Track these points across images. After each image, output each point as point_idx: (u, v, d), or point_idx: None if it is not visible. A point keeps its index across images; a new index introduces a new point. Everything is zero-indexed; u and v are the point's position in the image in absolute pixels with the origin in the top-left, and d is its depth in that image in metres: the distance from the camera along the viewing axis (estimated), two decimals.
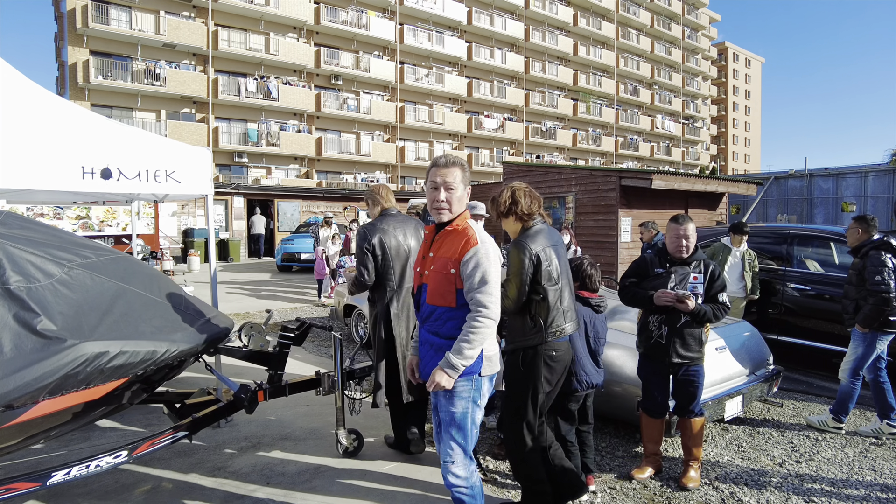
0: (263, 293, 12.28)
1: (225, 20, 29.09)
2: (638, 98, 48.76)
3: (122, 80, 25.87)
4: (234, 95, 28.74)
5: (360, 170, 33.64)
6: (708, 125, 60.23)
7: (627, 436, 4.35)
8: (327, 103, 31.84)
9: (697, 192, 10.89)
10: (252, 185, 26.27)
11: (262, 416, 4.47)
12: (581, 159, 44.85)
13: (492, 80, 39.16)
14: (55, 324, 2.37)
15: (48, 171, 3.53)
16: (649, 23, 49.95)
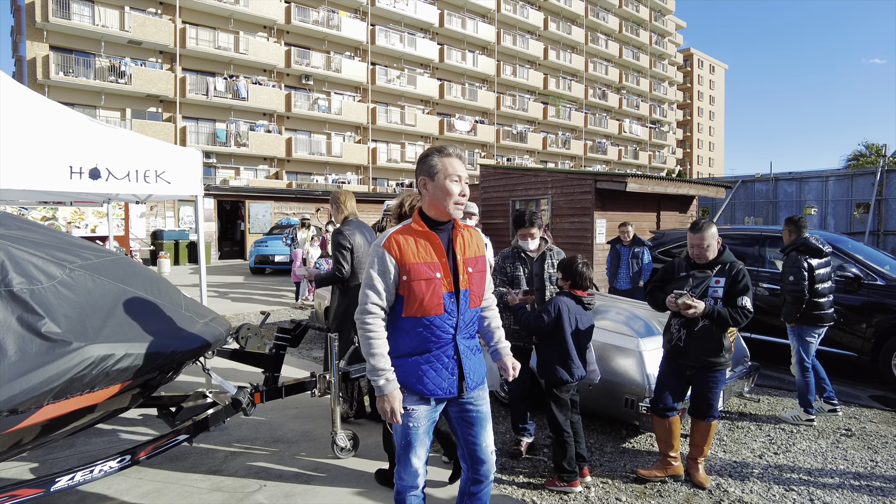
0: (239, 295, 12.10)
1: (193, 18, 28.54)
2: (606, 102, 49.66)
3: (85, 76, 25.15)
4: (203, 95, 28.22)
5: (331, 171, 33.39)
6: (674, 129, 61.74)
7: (613, 432, 4.47)
8: (298, 103, 31.53)
9: (670, 195, 11.19)
10: (222, 186, 25.83)
11: (251, 419, 4.43)
12: (551, 162, 45.44)
13: (463, 83, 39.37)
14: (59, 326, 2.33)
15: (35, 171, 3.45)
16: (618, 28, 50.95)
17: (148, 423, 4.33)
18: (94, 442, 4.05)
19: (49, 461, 3.65)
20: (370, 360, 2.11)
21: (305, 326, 3.72)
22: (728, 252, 3.53)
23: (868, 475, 3.79)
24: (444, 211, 2.17)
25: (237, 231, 25.61)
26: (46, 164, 3.48)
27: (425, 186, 2.19)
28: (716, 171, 71.90)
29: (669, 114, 59.95)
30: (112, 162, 3.73)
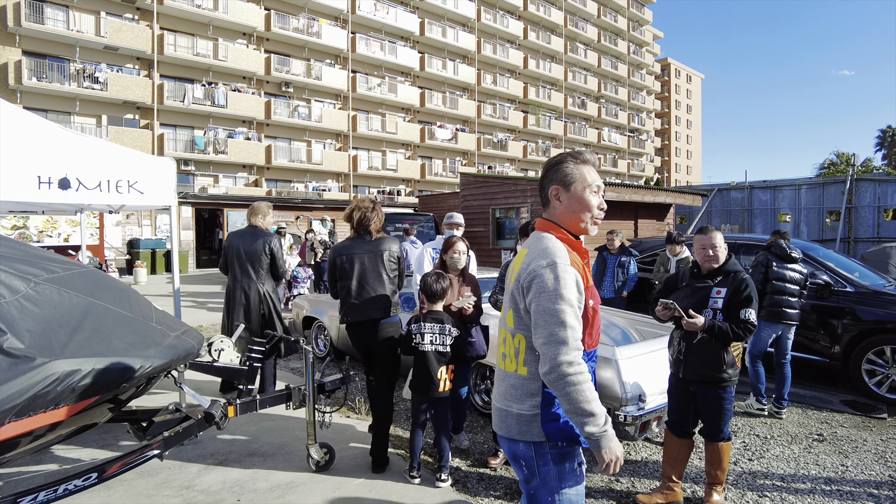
0: (216, 306, 11.93)
1: (171, 24, 28.26)
2: (585, 111, 50.22)
3: (59, 82, 24.72)
4: (181, 101, 27.90)
5: (311, 178, 33.21)
6: (652, 138, 62.65)
7: None
8: (278, 111, 31.34)
9: (647, 203, 11.34)
10: (200, 194, 25.53)
11: (226, 432, 4.36)
12: (532, 170, 45.74)
13: (444, 91, 39.52)
14: (22, 342, 2.27)
15: (1, 181, 3.37)
16: (596, 38, 51.64)
17: (123, 438, 4.23)
18: (64, 458, 3.95)
19: (14, 480, 3.55)
20: (590, 406, 1.65)
21: (279, 338, 3.67)
22: (734, 261, 3.40)
23: (839, 480, 3.85)
24: (579, 226, 1.89)
25: (215, 239, 25.30)
26: (13, 173, 3.41)
27: (558, 198, 1.89)
28: (693, 179, 73.05)
29: (648, 122, 60.83)
30: (83, 171, 3.66)
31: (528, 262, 1.81)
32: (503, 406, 1.87)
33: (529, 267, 1.79)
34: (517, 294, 1.83)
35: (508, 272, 1.99)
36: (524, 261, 1.84)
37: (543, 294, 1.72)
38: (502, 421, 1.88)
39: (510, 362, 1.87)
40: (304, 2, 32.40)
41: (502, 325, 1.94)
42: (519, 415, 1.82)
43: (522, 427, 1.82)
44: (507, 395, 1.86)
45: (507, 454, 1.94)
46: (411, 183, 37.74)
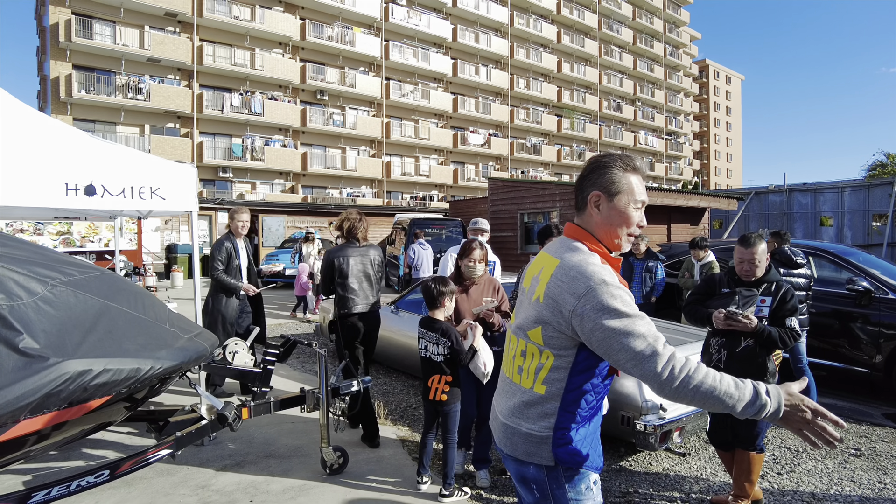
0: None
1: (210, 35, 29.15)
2: (621, 114, 49.52)
3: (106, 94, 25.75)
4: (219, 110, 28.72)
5: (345, 185, 33.67)
6: (690, 141, 61.27)
7: (611, 450, 4.38)
8: (313, 118, 31.92)
9: (680, 208, 11.07)
10: (237, 201, 26.16)
11: (246, 433, 4.43)
12: (566, 174, 45.31)
13: (477, 97, 39.56)
14: (37, 342, 2.35)
15: (31, 188, 3.51)
16: (631, 40, 50.91)
17: (143, 437, 4.35)
18: (91, 456, 4.07)
19: (41, 475, 3.67)
20: (728, 391, 1.45)
21: (294, 342, 3.71)
22: (774, 271, 3.35)
23: (876, 499, 3.66)
24: (613, 241, 1.71)
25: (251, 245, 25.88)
26: (42, 180, 3.54)
27: (598, 205, 1.69)
28: (734, 182, 71.13)
29: (685, 125, 59.56)
30: (107, 178, 3.78)
31: (567, 281, 1.58)
32: (511, 423, 1.71)
33: (573, 288, 1.56)
34: (547, 311, 1.62)
35: (525, 278, 1.83)
36: (556, 276, 1.63)
37: (606, 317, 1.51)
38: (508, 438, 1.72)
39: (527, 377, 1.68)
40: (339, 11, 32.96)
41: (521, 337, 1.73)
42: (528, 434, 1.67)
43: (531, 448, 1.67)
44: (517, 411, 1.70)
45: (513, 475, 1.78)
46: (443, 188, 37.86)
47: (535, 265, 1.81)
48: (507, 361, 1.80)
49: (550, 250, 1.77)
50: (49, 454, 3.91)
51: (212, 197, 26.22)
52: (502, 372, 1.85)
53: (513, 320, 1.83)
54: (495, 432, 1.80)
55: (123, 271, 8.29)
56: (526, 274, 1.88)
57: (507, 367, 1.80)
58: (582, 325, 1.54)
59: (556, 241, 1.81)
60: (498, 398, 1.83)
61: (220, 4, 28.87)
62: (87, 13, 25.58)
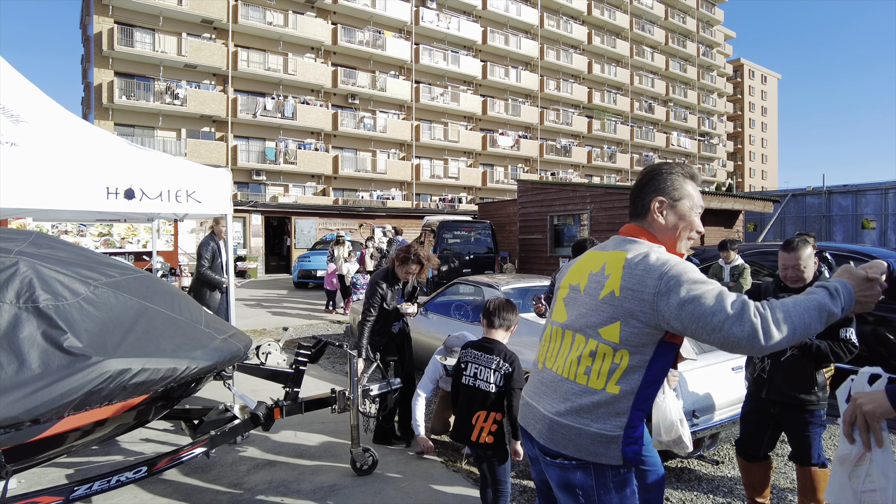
0: (279, 309, 12.39)
1: (244, 41, 29.77)
2: (653, 115, 48.75)
3: (145, 99, 26.54)
4: (253, 114, 29.29)
5: (375, 187, 33.96)
6: (724, 142, 59.90)
7: None
8: (344, 122, 32.29)
9: (713, 210, 10.84)
10: (270, 203, 26.66)
11: (278, 433, 4.51)
12: (596, 176, 44.81)
13: (506, 99, 39.45)
14: (81, 341, 2.44)
15: (74, 192, 3.65)
16: (664, 40, 50.09)
17: (178, 433, 4.46)
18: (128, 450, 4.20)
19: (84, 468, 3.81)
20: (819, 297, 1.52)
21: (325, 343, 3.76)
22: (825, 275, 3.15)
23: None
24: (675, 247, 1.76)
25: (284, 246, 26.31)
26: (84, 185, 3.68)
27: (661, 211, 1.74)
28: (769, 184, 69.28)
29: (719, 126, 58.27)
30: (145, 182, 3.90)
31: (644, 268, 1.61)
32: (575, 424, 1.67)
33: (652, 271, 1.59)
34: (629, 302, 1.61)
35: (572, 276, 1.84)
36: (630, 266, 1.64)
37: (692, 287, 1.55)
38: (570, 440, 1.67)
39: (597, 378, 1.66)
40: (370, 15, 33.29)
41: (591, 337, 1.69)
42: (598, 434, 1.64)
43: (599, 448, 1.65)
44: (584, 412, 1.66)
45: (555, 483, 1.76)
46: (472, 190, 37.85)
47: (587, 263, 1.81)
48: (562, 361, 1.76)
49: (607, 247, 1.79)
50: (90, 449, 4.04)
51: (246, 199, 26.77)
52: (547, 371, 1.81)
53: (562, 318, 1.81)
54: (541, 434, 1.75)
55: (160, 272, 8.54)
56: (570, 272, 1.87)
57: (561, 367, 1.76)
58: (669, 303, 1.55)
59: (612, 239, 1.82)
60: (544, 398, 1.78)
61: (254, 10, 29.47)
62: (129, 22, 26.42)
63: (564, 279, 1.88)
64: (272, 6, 30.28)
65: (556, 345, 1.81)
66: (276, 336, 8.48)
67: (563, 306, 1.81)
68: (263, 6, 29.85)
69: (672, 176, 1.75)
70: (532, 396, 1.85)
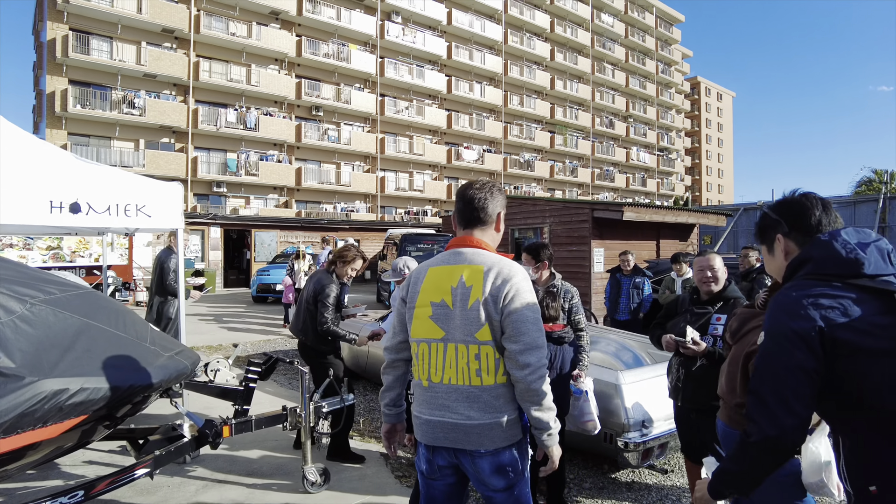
0: (236, 325, 12.15)
1: (206, 51, 29.34)
2: (613, 130, 49.92)
3: (101, 109, 25.81)
4: (214, 126, 28.81)
5: (340, 199, 33.74)
6: (682, 157, 61.75)
7: (595, 467, 4.39)
8: (308, 134, 32.06)
9: (668, 224, 11.15)
10: (230, 216, 26.17)
11: (229, 451, 4.42)
12: (559, 190, 45.53)
13: (471, 113, 39.85)
14: (13, 361, 2.36)
15: (16, 206, 3.54)
16: (624, 58, 51.49)
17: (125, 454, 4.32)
18: (70, 475, 4.05)
19: (18, 494, 3.65)
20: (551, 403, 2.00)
21: (276, 360, 3.72)
22: (734, 287, 3.30)
23: None
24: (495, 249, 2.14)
25: (243, 260, 25.83)
26: (27, 198, 3.57)
27: (502, 222, 2.14)
28: (725, 197, 71.59)
29: (677, 141, 60.07)
30: (92, 196, 3.81)
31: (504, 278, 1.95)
32: (489, 420, 1.90)
33: (506, 282, 1.95)
34: (490, 308, 1.91)
35: (439, 293, 2.01)
36: (491, 276, 1.95)
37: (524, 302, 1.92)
38: (486, 436, 1.90)
39: (487, 375, 1.91)
40: (335, 28, 33.28)
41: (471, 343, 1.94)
42: (509, 421, 1.92)
43: (511, 432, 1.93)
44: (490, 407, 1.91)
45: (486, 471, 1.93)
46: (438, 203, 37.98)
47: (442, 279, 2.02)
48: (453, 372, 1.94)
49: (456, 260, 2.04)
50: (26, 473, 3.88)
51: (205, 211, 26.23)
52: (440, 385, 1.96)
53: (438, 334, 1.97)
54: (460, 441, 1.92)
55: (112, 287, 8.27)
56: (424, 292, 2.05)
57: (453, 377, 1.94)
58: (507, 309, 1.95)
59: (457, 251, 2.06)
60: (447, 411, 1.94)
61: (217, 21, 29.11)
62: (85, 29, 25.73)
63: (421, 298, 2.03)
64: (235, 17, 29.97)
65: (439, 359, 1.96)
66: (227, 353, 8.31)
67: (433, 323, 1.98)
68: (227, 17, 29.52)
69: (503, 193, 2.14)
70: (432, 413, 1.97)
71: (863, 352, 1.37)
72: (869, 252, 1.45)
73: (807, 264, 1.51)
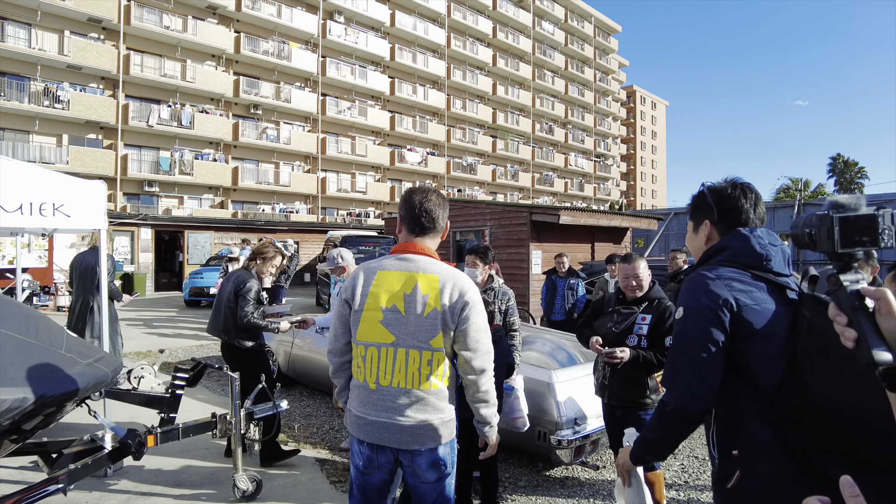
0: (167, 330, 11.66)
1: (138, 44, 28.00)
2: (553, 137, 51.14)
3: (18, 100, 24.17)
4: (146, 122, 27.53)
5: (278, 200, 32.96)
6: (618, 163, 64.00)
7: (530, 465, 4.48)
8: (246, 133, 31.16)
9: (603, 227, 11.53)
10: (162, 216, 25.08)
11: (156, 461, 4.23)
12: (500, 194, 46.20)
13: (414, 115, 39.86)
14: None
15: None
16: (563, 66, 52.87)
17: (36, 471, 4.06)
18: None
19: None
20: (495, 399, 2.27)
21: (204, 365, 3.60)
22: (657, 288, 3.40)
23: None
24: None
25: (176, 262, 24.83)
26: None
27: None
28: (658, 202, 74.67)
29: (613, 148, 62.21)
30: (2, 195, 3.57)
31: (460, 290, 2.08)
32: (433, 421, 2.01)
33: (462, 295, 2.07)
34: (448, 317, 2.02)
35: (390, 298, 2.06)
36: (447, 287, 2.05)
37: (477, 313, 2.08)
38: (428, 435, 2.01)
39: (435, 379, 2.04)
40: (275, 25, 32.52)
41: (424, 349, 2.04)
42: (447, 420, 2.05)
43: (447, 429, 2.05)
44: (434, 409, 2.03)
45: (422, 467, 2.03)
46: (381, 205, 37.74)
47: (393, 284, 2.07)
48: (402, 376, 2.02)
49: (407, 267, 2.10)
50: None
51: (136, 212, 25.02)
52: (387, 388, 2.03)
53: (388, 339, 2.03)
54: (404, 441, 2.01)
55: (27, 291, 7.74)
56: (373, 296, 2.08)
57: (402, 381, 2.02)
58: (462, 318, 2.08)
59: (408, 258, 2.12)
60: (393, 412, 2.02)
61: (150, 13, 27.85)
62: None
63: (370, 302, 2.07)
64: (170, 10, 28.74)
65: (389, 363, 2.02)
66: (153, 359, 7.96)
67: (384, 328, 2.04)
68: (160, 9, 28.27)
69: (447, 199, 2.25)
70: (378, 414, 2.03)
71: (757, 334, 1.54)
72: (775, 252, 1.65)
73: (724, 252, 1.68)
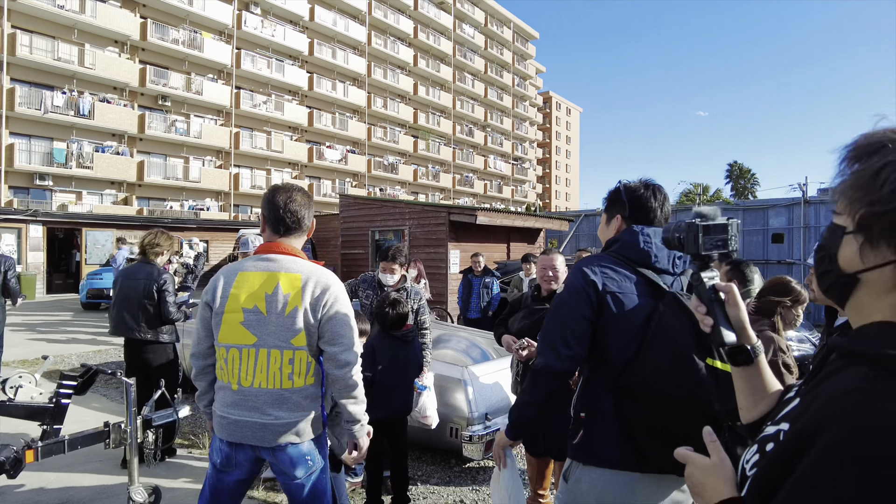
0: (61, 335, 10.79)
1: (27, 23, 25.65)
2: (473, 139, 51.98)
3: None
4: (37, 109, 25.29)
5: (188, 196, 31.31)
6: (534, 166, 66.05)
7: (443, 462, 4.53)
8: (153, 125, 29.38)
9: (518, 228, 11.87)
10: (56, 212, 23.13)
11: (39, 479, 3.90)
12: (422, 194, 46.39)
13: (334, 112, 39.19)
14: None
15: None
16: (483, 69, 53.84)
17: None
18: None
19: None
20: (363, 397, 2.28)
21: (95, 371, 3.36)
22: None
23: None
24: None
25: (72, 262, 23.02)
26: None
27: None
28: (572, 204, 77.72)
29: (530, 151, 64.13)
30: None
31: (323, 288, 2.14)
32: (297, 418, 2.06)
33: (325, 292, 2.15)
34: (310, 316, 2.09)
35: (251, 299, 2.09)
36: (310, 285, 2.12)
37: (342, 309, 2.15)
38: (288, 431, 2.04)
39: (298, 377, 2.07)
40: (186, 13, 30.87)
41: (286, 349, 2.07)
42: (314, 418, 2.11)
43: (315, 426, 2.11)
44: (298, 407, 2.07)
45: (285, 463, 2.08)
46: None
47: (254, 285, 2.11)
48: (263, 376, 2.05)
49: (268, 267, 2.14)
50: None
51: (25, 207, 22.93)
52: (249, 389, 2.06)
53: (249, 340, 2.06)
54: (266, 439, 2.04)
55: None
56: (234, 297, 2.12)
57: (263, 381, 2.05)
58: (326, 315, 2.16)
59: (270, 257, 2.16)
60: (256, 412, 2.05)
61: None
62: None
63: (230, 304, 2.10)
64: None
65: (250, 364, 2.06)
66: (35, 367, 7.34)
67: (245, 329, 2.07)
68: None
69: (312, 198, 2.30)
70: (241, 414, 2.06)
71: (616, 317, 1.77)
72: (661, 251, 1.86)
73: (615, 244, 1.91)
